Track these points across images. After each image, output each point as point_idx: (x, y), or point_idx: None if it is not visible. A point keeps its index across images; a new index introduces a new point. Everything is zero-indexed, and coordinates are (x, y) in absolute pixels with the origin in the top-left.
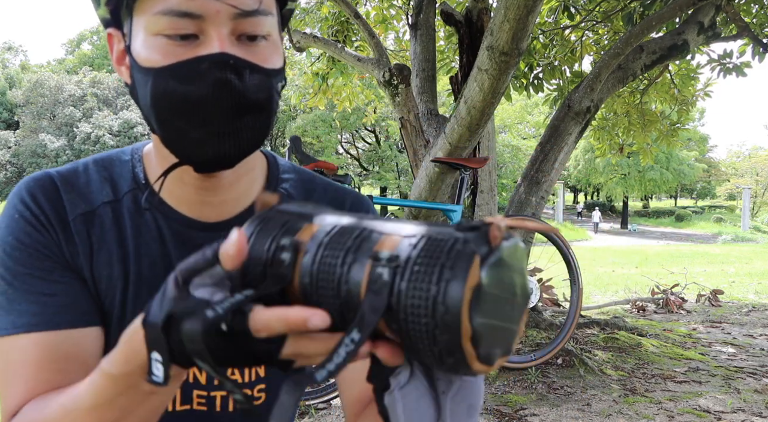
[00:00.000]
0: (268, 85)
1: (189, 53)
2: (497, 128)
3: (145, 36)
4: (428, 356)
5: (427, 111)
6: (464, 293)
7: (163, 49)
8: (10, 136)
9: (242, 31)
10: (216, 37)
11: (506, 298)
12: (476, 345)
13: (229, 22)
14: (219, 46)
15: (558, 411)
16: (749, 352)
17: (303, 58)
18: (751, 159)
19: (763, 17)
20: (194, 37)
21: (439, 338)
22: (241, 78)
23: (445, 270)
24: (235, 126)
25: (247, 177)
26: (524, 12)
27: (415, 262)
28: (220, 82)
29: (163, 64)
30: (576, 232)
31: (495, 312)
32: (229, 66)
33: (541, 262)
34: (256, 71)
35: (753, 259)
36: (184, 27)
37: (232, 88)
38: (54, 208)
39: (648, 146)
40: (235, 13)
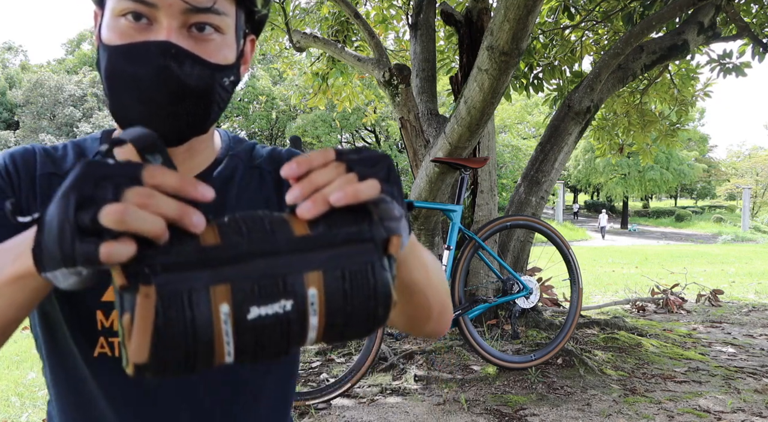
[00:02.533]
0: (209, 76)
1: (140, 37)
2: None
3: (110, 16)
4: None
5: (427, 111)
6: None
7: (120, 30)
8: (10, 136)
9: (193, 23)
10: (165, 26)
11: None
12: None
13: (180, 16)
14: (166, 35)
15: (558, 411)
16: (749, 352)
17: (303, 58)
18: (751, 159)
19: (763, 17)
20: (149, 22)
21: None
22: (181, 66)
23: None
24: (172, 109)
25: (200, 155)
26: (524, 12)
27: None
28: (160, 67)
29: (117, 43)
30: (576, 232)
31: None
32: (171, 54)
33: (541, 262)
34: (198, 63)
35: (753, 259)
36: (139, 11)
37: (171, 74)
38: (26, 165)
39: (648, 146)
40: (187, 8)
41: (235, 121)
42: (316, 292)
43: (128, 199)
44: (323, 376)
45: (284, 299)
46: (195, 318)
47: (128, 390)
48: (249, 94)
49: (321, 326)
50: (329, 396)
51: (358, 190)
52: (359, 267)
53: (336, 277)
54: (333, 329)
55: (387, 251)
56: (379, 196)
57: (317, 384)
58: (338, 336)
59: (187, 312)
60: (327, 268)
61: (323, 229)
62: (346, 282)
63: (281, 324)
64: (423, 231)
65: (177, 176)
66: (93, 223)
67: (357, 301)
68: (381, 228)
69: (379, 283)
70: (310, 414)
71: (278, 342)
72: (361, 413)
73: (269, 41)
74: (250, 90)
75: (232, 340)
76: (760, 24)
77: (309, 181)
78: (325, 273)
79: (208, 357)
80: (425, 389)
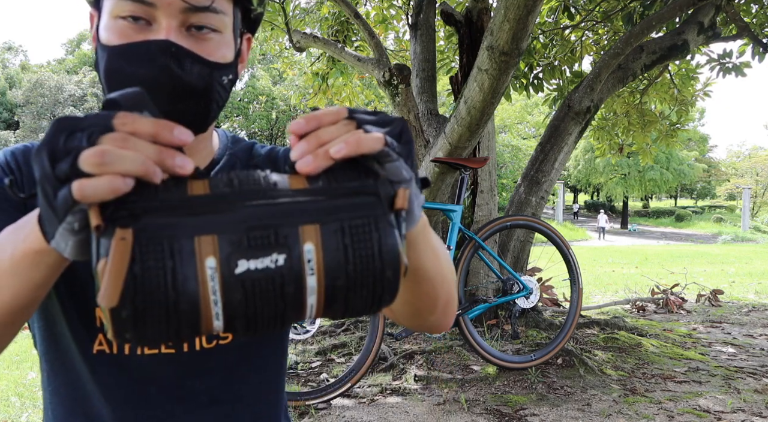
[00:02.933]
0: (208, 75)
1: (139, 37)
2: (497, 128)
3: (107, 18)
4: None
5: (427, 111)
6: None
7: (119, 30)
8: (10, 136)
9: (191, 23)
10: (164, 25)
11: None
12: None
13: (179, 15)
14: (165, 34)
15: (558, 411)
16: (749, 352)
17: (303, 58)
18: (751, 159)
19: (763, 17)
20: (147, 23)
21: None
22: (181, 65)
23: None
24: (172, 108)
25: (200, 154)
26: (524, 12)
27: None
28: (160, 66)
29: (116, 43)
30: (576, 232)
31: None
32: (171, 53)
33: (541, 262)
34: (197, 62)
35: (753, 259)
36: (138, 11)
37: (171, 73)
38: (27, 162)
39: (648, 146)
40: (185, 8)
41: (235, 121)
42: (313, 248)
43: (104, 143)
44: (323, 376)
45: (276, 252)
46: (176, 268)
47: (125, 388)
48: (249, 94)
49: (321, 289)
50: (329, 396)
51: (360, 140)
52: (361, 221)
53: (334, 231)
54: (335, 294)
55: (394, 207)
56: (383, 150)
57: (317, 384)
58: (342, 305)
59: (167, 261)
60: (325, 221)
61: (323, 183)
62: (346, 237)
63: (274, 281)
64: None
65: (150, 120)
66: (73, 170)
67: (360, 260)
68: (387, 184)
69: (384, 240)
70: (310, 414)
71: (272, 304)
72: (361, 413)
73: (269, 41)
74: (250, 90)
75: (219, 299)
76: (760, 24)
77: (315, 137)
78: (322, 226)
79: (193, 318)
80: (425, 389)
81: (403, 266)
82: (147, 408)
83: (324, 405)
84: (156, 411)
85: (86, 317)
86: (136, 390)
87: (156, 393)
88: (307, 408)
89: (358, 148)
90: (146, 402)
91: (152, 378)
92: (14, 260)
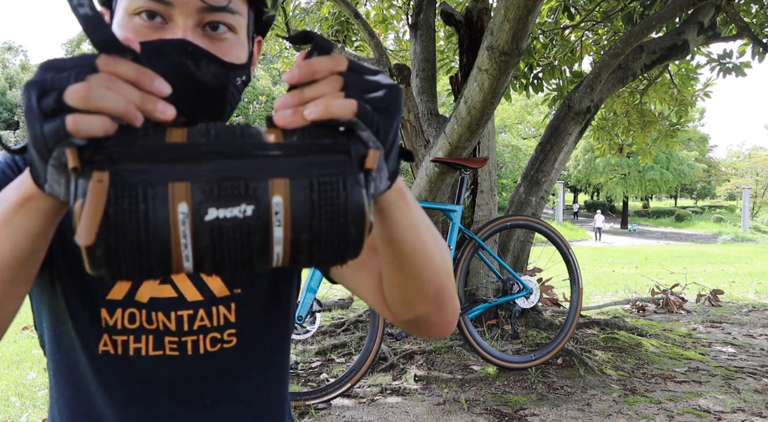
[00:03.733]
0: (224, 75)
1: (155, 35)
2: (497, 128)
3: (122, 15)
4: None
5: (427, 111)
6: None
7: (134, 29)
8: (10, 136)
9: (208, 21)
10: (181, 24)
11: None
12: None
13: (196, 14)
14: (182, 33)
15: (558, 411)
16: (749, 352)
17: None
18: (751, 159)
19: (763, 17)
20: (163, 21)
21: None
22: (197, 65)
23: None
24: (187, 108)
25: None
26: (524, 12)
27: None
28: (177, 65)
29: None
30: (576, 232)
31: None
32: (187, 52)
33: (541, 262)
34: (213, 61)
35: (753, 259)
36: (154, 7)
37: (188, 72)
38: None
39: (647, 146)
40: (203, 7)
41: (235, 121)
42: (281, 201)
43: (90, 82)
44: (323, 376)
45: (245, 203)
46: (149, 211)
47: (129, 388)
48: (249, 94)
49: (287, 240)
50: (329, 396)
51: (329, 105)
52: (330, 178)
53: (303, 186)
54: (300, 246)
55: (364, 166)
56: (352, 120)
57: (317, 384)
58: (307, 257)
59: (141, 204)
60: (294, 176)
61: (297, 139)
62: (314, 192)
63: (241, 229)
64: None
65: (133, 66)
66: (58, 104)
67: (325, 215)
68: (359, 143)
69: (351, 198)
70: (310, 414)
71: (239, 251)
72: (361, 413)
73: (269, 41)
74: (250, 90)
75: (189, 243)
76: (760, 24)
77: (299, 93)
78: (291, 181)
79: (164, 259)
80: (425, 389)
81: (368, 223)
82: (150, 408)
83: (324, 405)
84: (159, 412)
85: (92, 317)
86: (140, 391)
87: (159, 394)
88: (307, 408)
89: (327, 113)
90: (150, 403)
91: (156, 379)
92: (8, 212)
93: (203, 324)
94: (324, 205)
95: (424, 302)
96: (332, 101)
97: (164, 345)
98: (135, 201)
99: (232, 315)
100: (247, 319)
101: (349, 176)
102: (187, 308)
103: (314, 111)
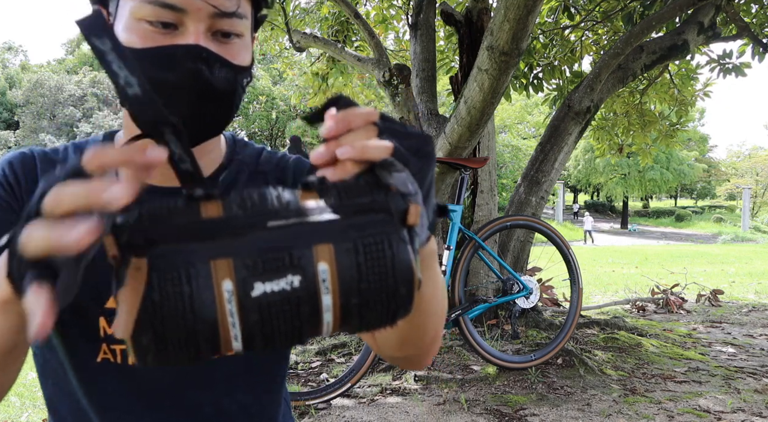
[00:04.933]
0: (234, 79)
1: (166, 41)
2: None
3: (128, 19)
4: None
5: (427, 111)
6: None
7: (143, 34)
8: (10, 136)
9: (218, 29)
10: (193, 30)
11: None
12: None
13: (207, 20)
14: (194, 39)
15: (558, 411)
16: (749, 352)
17: (303, 58)
18: (751, 159)
19: (763, 17)
20: (174, 27)
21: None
22: (211, 70)
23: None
24: (197, 112)
25: (209, 156)
26: (524, 12)
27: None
28: (191, 70)
29: (140, 46)
30: (576, 232)
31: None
32: (202, 58)
33: (541, 262)
34: (226, 66)
35: (753, 259)
36: (166, 17)
37: (202, 77)
38: (26, 172)
39: (647, 146)
40: (214, 13)
41: (235, 121)
42: (327, 267)
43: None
44: (323, 376)
45: (291, 274)
46: (194, 293)
47: (129, 397)
48: (249, 94)
49: (336, 307)
50: (329, 396)
51: (366, 145)
52: (374, 239)
53: (348, 250)
54: (350, 311)
55: (406, 222)
56: (388, 159)
57: (317, 384)
58: (357, 322)
59: (185, 286)
60: (338, 240)
61: (335, 200)
62: (359, 255)
63: (290, 302)
64: None
65: (116, 149)
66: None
67: (374, 277)
68: (399, 198)
69: (397, 257)
70: (310, 414)
71: (289, 324)
72: (361, 413)
73: (269, 41)
74: (250, 90)
75: (237, 321)
76: (760, 24)
77: (336, 143)
78: (335, 245)
79: (212, 340)
80: (425, 389)
81: (416, 280)
82: (151, 418)
83: (324, 405)
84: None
85: (87, 327)
86: (140, 400)
87: (160, 403)
88: (307, 408)
89: (363, 153)
90: (150, 412)
91: (157, 388)
92: None
93: None
94: (371, 266)
95: (418, 347)
96: (368, 142)
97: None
98: (178, 283)
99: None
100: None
101: (393, 234)
102: None
103: (349, 151)
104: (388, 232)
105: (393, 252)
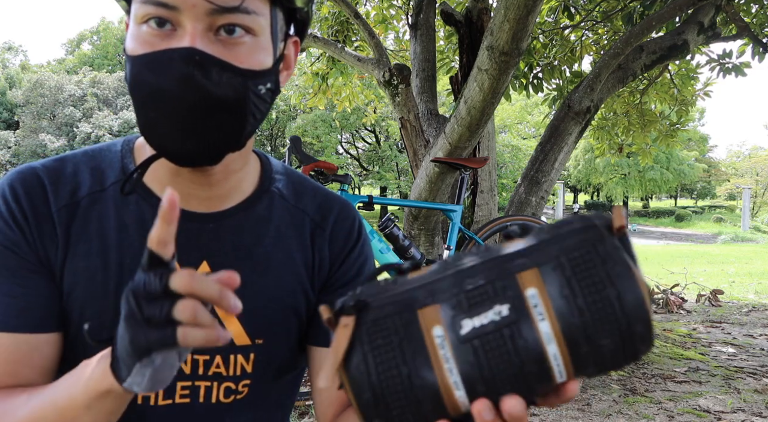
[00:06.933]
0: (241, 85)
1: (162, 44)
2: (497, 128)
3: (132, 24)
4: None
5: (427, 111)
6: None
7: (142, 38)
8: (10, 136)
9: (221, 26)
10: (189, 31)
11: None
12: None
13: (206, 18)
14: (190, 40)
15: (558, 411)
16: (749, 352)
17: (303, 58)
18: (751, 159)
19: (763, 17)
20: (172, 28)
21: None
22: (207, 75)
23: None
24: (199, 124)
25: (237, 175)
26: (524, 12)
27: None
28: (182, 77)
29: (139, 52)
30: None
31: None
32: (195, 62)
33: None
34: (227, 70)
35: (753, 259)
36: (160, 13)
37: (196, 84)
38: (32, 202)
39: (647, 146)
40: (212, 9)
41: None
42: (536, 291)
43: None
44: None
45: (498, 304)
46: (404, 342)
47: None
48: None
49: (557, 332)
50: None
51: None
52: (579, 252)
53: (553, 268)
54: (574, 336)
55: (612, 228)
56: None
57: None
58: (587, 346)
59: (393, 336)
60: (541, 263)
61: (529, 237)
62: (566, 270)
63: (502, 334)
64: (423, 231)
65: (211, 285)
66: (167, 317)
67: (588, 289)
68: (600, 214)
69: (609, 262)
70: (310, 414)
71: (507, 359)
72: None
73: None
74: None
75: (454, 366)
76: (760, 24)
77: None
78: (540, 268)
79: (434, 394)
80: None
81: (646, 290)
82: None
83: None
84: None
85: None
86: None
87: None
88: (307, 408)
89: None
90: None
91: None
92: (88, 399)
93: (218, 371)
94: (582, 279)
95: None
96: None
97: (175, 393)
98: (387, 333)
99: (249, 366)
100: (265, 370)
101: (599, 242)
102: (204, 353)
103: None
104: (593, 240)
105: (602, 257)
